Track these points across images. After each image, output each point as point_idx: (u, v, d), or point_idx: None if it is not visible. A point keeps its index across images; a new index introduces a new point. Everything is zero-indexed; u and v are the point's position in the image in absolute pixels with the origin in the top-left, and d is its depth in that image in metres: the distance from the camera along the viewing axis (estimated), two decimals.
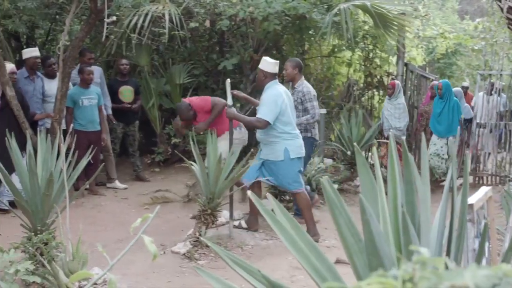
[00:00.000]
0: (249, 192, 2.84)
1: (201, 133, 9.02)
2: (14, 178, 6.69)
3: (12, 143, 6.06)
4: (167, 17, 10.00)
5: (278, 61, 7.80)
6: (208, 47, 13.55)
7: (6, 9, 9.89)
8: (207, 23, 11.31)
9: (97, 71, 10.17)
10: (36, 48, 9.71)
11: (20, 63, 9.82)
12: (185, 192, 9.58)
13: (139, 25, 10.04)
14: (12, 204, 7.12)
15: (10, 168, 6.47)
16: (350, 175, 10.63)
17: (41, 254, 5.35)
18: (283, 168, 7.43)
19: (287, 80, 8.82)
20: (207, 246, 6.71)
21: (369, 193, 2.41)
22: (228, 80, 7.95)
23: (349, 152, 10.77)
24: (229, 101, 7.82)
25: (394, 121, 10.84)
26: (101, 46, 11.98)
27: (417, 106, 12.94)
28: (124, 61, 10.82)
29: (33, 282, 5.18)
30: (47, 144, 6.14)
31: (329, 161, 11.19)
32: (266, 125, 7.36)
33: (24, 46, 11.56)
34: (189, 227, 7.58)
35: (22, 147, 7.02)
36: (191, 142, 7.34)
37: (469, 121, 11.55)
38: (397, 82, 11.30)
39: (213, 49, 13.32)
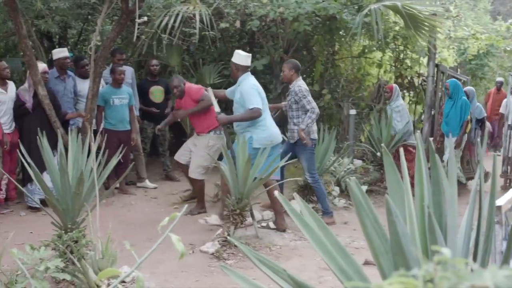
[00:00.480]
0: (276, 193, 2.85)
1: (179, 119, 9.01)
2: (45, 176, 6.77)
3: (44, 142, 6.13)
4: (197, 17, 10.04)
5: (250, 54, 8.26)
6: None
7: (39, 10, 10.00)
8: (238, 24, 11.33)
9: (128, 71, 10.24)
10: (65, 49, 9.81)
11: (51, 63, 9.91)
12: (214, 192, 9.62)
13: (170, 26, 10.08)
14: (43, 202, 7.21)
15: (42, 166, 6.55)
16: (380, 177, 10.58)
17: (71, 252, 5.40)
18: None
19: (285, 81, 9.07)
20: (235, 246, 6.73)
21: (396, 194, 2.41)
22: (210, 88, 8.16)
23: (378, 153, 10.71)
24: (216, 108, 7.98)
25: (396, 124, 10.71)
26: (132, 46, 12.07)
27: None
28: (154, 61, 10.87)
29: (63, 279, 5.23)
30: (78, 143, 6.21)
31: (358, 162, 11.17)
32: (260, 112, 7.61)
33: (57, 46, 11.69)
34: (218, 226, 7.62)
35: (54, 146, 7.11)
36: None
37: (481, 121, 11.37)
38: (395, 85, 11.13)
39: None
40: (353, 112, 11.66)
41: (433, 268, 1.10)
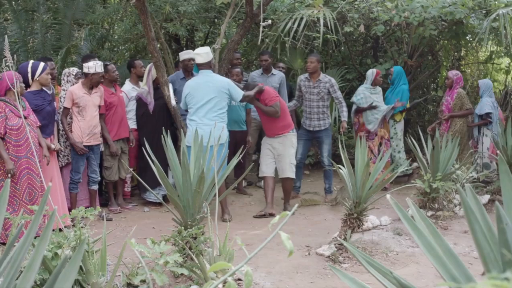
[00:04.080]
0: (388, 196, 2.83)
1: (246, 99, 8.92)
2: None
3: (168, 140, 6.32)
4: (321, 21, 10.07)
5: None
6: (362, 52, 13.52)
7: (168, 13, 10.33)
8: (361, 28, 11.28)
9: (277, 77, 10.34)
10: (190, 51, 10.03)
11: (178, 65, 10.20)
12: (333, 196, 9.63)
13: (293, 29, 10.16)
14: (164, 198, 7.43)
15: (162, 165, 6.77)
16: None
17: (190, 248, 5.55)
18: None
19: (308, 71, 9.59)
20: None
21: (511, 202, 2.36)
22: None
23: None
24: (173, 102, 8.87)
25: None
26: (256, 49, 12.24)
27: None
28: (281, 64, 10.93)
29: (181, 274, 5.38)
30: (199, 142, 6.36)
31: None
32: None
33: (184, 49, 12.00)
34: (335, 230, 7.61)
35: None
36: (340, 146, 7.38)
37: (480, 117, 10.77)
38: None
39: (367, 54, 13.27)
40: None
41: None
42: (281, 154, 8.83)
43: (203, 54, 8.27)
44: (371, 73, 10.55)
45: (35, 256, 2.41)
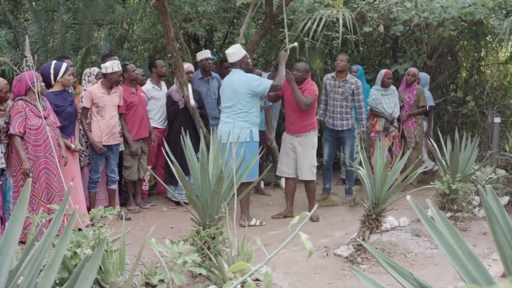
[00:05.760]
0: (408, 197, 2.82)
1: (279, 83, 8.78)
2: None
3: (187, 141, 6.34)
4: (340, 21, 10.04)
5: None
6: (381, 52, 13.48)
7: (187, 13, 10.35)
8: (381, 28, 11.23)
9: None
10: (208, 51, 10.04)
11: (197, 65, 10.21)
12: (351, 196, 9.62)
13: (312, 29, 10.14)
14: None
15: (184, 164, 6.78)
16: None
17: (208, 248, 5.56)
18: None
19: (338, 70, 9.56)
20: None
21: None
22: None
23: None
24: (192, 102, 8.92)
25: None
26: (275, 49, 12.24)
27: None
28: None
29: (199, 274, 5.41)
30: (218, 143, 6.37)
31: (502, 172, 10.78)
32: None
33: (203, 49, 12.03)
34: (354, 231, 7.61)
35: (196, 145, 7.36)
36: (358, 147, 7.38)
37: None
38: None
39: (386, 54, 13.23)
40: (497, 120, 11.31)
41: None
42: (301, 155, 8.76)
43: (231, 54, 8.26)
44: (379, 74, 10.53)
45: (56, 255, 2.43)
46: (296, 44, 8.71)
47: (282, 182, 10.30)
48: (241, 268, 2.17)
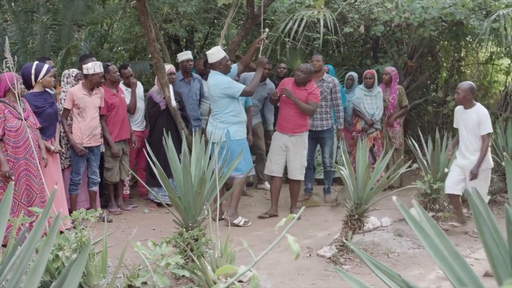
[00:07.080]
0: (394, 198, 2.81)
1: (286, 96, 8.73)
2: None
3: (169, 142, 6.31)
4: (321, 22, 10.04)
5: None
6: (362, 52, 13.52)
7: (167, 14, 10.31)
8: (362, 29, 11.26)
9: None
10: (188, 52, 9.99)
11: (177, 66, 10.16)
12: (334, 196, 9.62)
13: (293, 30, 10.14)
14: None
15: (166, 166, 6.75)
16: (504, 187, 10.22)
17: (191, 250, 5.54)
18: None
19: (316, 70, 9.40)
20: (352, 251, 6.70)
21: None
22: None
23: (503, 163, 10.31)
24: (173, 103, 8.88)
25: None
26: (256, 50, 12.21)
27: None
28: (282, 65, 10.86)
29: (183, 276, 5.39)
30: (201, 144, 6.35)
31: None
32: None
33: (183, 50, 11.99)
34: (336, 231, 7.61)
35: (178, 146, 7.32)
36: (341, 148, 7.39)
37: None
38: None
39: (367, 55, 13.27)
40: None
41: None
42: (293, 155, 8.78)
43: (210, 55, 8.28)
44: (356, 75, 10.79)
45: (40, 259, 2.39)
46: (267, 30, 8.77)
47: (267, 184, 10.29)
48: (228, 271, 2.16)
